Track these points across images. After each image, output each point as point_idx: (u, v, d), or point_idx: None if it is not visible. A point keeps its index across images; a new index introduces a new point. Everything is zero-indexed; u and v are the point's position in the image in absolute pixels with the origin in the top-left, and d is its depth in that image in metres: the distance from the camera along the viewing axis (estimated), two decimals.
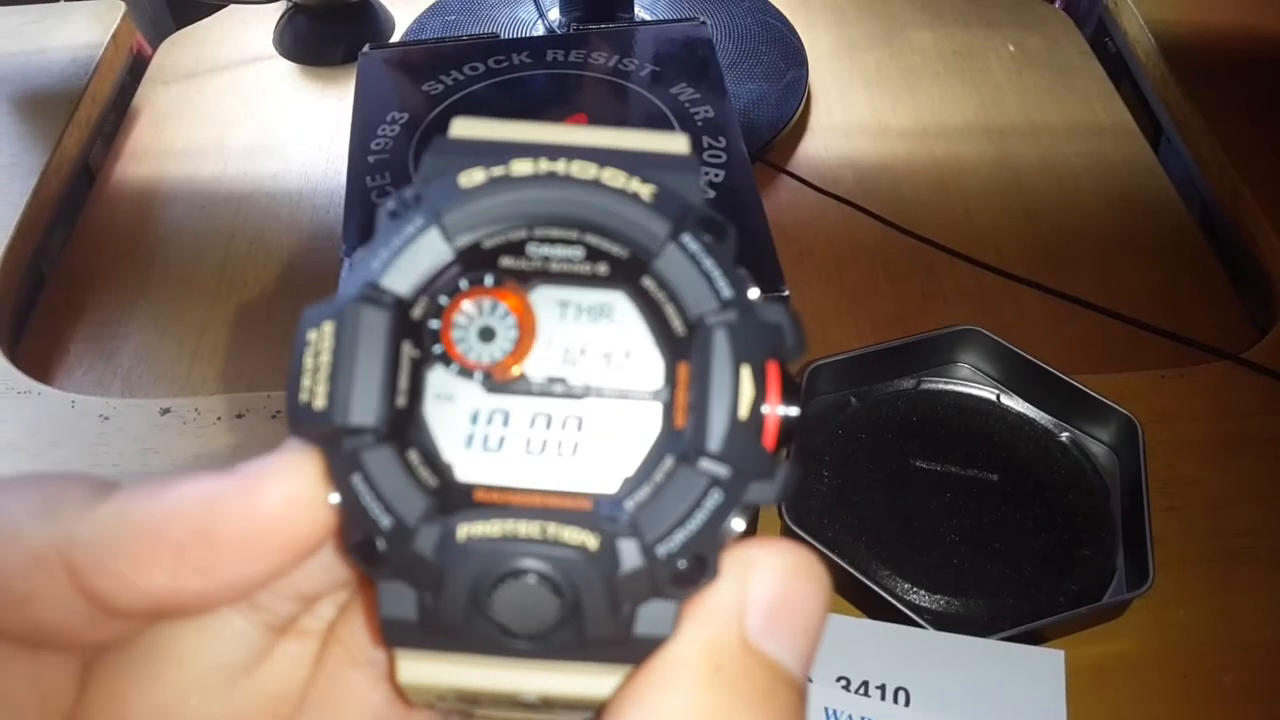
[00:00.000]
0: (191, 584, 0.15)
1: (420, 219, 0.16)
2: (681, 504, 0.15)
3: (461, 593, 0.15)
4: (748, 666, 0.15)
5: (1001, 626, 0.40)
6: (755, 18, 0.69)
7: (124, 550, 0.15)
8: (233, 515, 0.15)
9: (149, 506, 0.16)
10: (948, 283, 0.57)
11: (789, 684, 0.15)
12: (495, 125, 0.17)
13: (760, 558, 0.15)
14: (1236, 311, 0.56)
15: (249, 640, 0.18)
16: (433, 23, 0.69)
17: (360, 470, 0.15)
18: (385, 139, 0.40)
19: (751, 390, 0.16)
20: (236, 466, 0.16)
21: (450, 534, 0.15)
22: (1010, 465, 0.45)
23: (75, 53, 0.69)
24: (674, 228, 0.16)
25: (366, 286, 0.16)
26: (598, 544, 0.15)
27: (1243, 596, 0.43)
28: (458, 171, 0.16)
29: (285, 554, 0.16)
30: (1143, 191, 0.62)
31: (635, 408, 0.16)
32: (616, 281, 0.16)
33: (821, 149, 0.64)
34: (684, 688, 0.14)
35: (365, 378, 0.15)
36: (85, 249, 0.60)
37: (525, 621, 0.15)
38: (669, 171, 0.17)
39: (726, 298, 0.16)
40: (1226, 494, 0.46)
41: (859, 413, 0.47)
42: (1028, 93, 0.69)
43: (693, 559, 0.15)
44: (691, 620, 0.15)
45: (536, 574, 0.15)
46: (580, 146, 0.17)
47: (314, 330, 0.15)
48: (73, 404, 0.50)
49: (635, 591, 0.15)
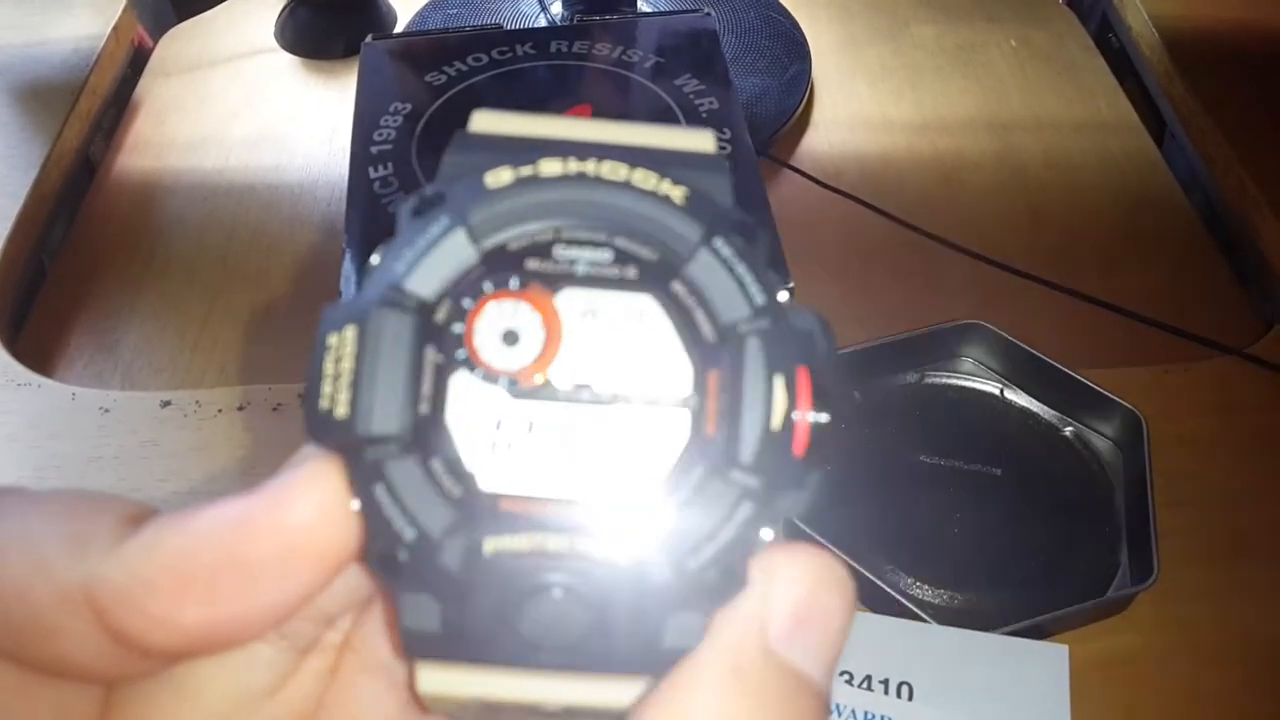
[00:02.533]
0: (227, 613, 0.15)
1: (446, 219, 0.15)
2: (712, 516, 0.15)
3: (488, 607, 0.15)
4: (769, 673, 0.15)
5: (1005, 621, 0.40)
6: (758, 12, 0.69)
7: (155, 586, 0.15)
8: (263, 534, 0.15)
9: (178, 538, 0.15)
10: (951, 278, 0.56)
11: (810, 691, 0.15)
12: (517, 119, 0.17)
13: (785, 565, 0.15)
14: (1241, 306, 0.56)
15: (276, 665, 0.17)
16: (434, 16, 0.68)
17: (383, 481, 0.15)
18: (388, 130, 0.40)
19: (784, 400, 0.15)
20: (260, 485, 0.16)
21: (476, 548, 0.15)
22: (1014, 460, 0.45)
23: (76, 45, 0.69)
24: (706, 232, 0.16)
25: (390, 289, 0.15)
26: (628, 558, 0.15)
27: (1247, 592, 0.43)
28: (482, 170, 0.16)
29: (320, 569, 0.15)
30: (1147, 187, 0.62)
31: (663, 415, 0.15)
32: (646, 286, 0.16)
33: (825, 143, 0.64)
34: (706, 693, 0.14)
35: (388, 385, 0.15)
36: (86, 242, 0.60)
37: (552, 635, 0.15)
38: (698, 171, 0.16)
39: (759, 304, 0.16)
40: (1231, 489, 0.46)
41: (863, 407, 0.47)
42: (1031, 88, 0.68)
43: (722, 571, 0.15)
44: (715, 626, 0.15)
45: (565, 590, 0.15)
46: (608, 145, 0.16)
47: (335, 334, 0.15)
48: (73, 396, 0.50)
49: (665, 604, 0.15)
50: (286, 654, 0.17)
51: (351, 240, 0.37)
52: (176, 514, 0.15)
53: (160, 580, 0.15)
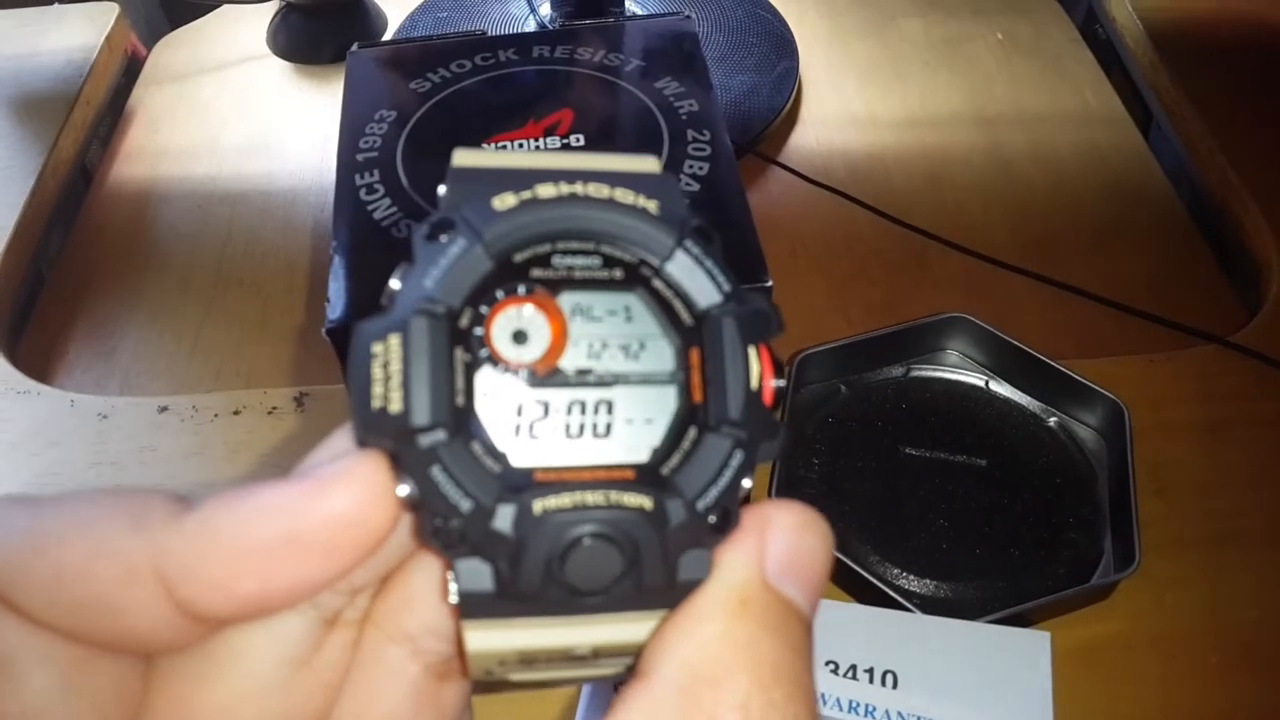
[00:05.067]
0: (279, 585, 0.17)
1: (464, 239, 0.18)
2: (712, 465, 0.18)
3: (539, 560, 0.17)
4: (769, 603, 0.17)
5: (990, 610, 0.40)
6: (746, 10, 0.69)
7: (217, 559, 0.17)
8: (315, 516, 0.17)
9: (234, 516, 0.17)
10: (939, 271, 0.57)
11: (801, 620, 0.18)
12: (494, 155, 0.20)
13: (776, 514, 0.18)
14: (1226, 296, 0.56)
15: (305, 636, 0.19)
16: (424, 20, 0.69)
17: (439, 462, 0.17)
18: (374, 137, 0.41)
19: (758, 366, 0.18)
20: (304, 471, 0.17)
21: (527, 509, 0.17)
22: (998, 450, 0.46)
23: (70, 55, 0.70)
24: (679, 235, 0.19)
25: (423, 301, 0.17)
26: (652, 504, 0.18)
27: (1230, 578, 0.43)
28: (478, 197, 0.18)
29: (362, 548, 0.17)
30: (1133, 178, 0.63)
31: (655, 389, 0.18)
32: (630, 284, 0.19)
33: (813, 140, 0.65)
34: (718, 619, 0.17)
35: (434, 382, 0.17)
36: (83, 250, 0.60)
37: (593, 579, 0.17)
38: (655, 188, 0.19)
39: (727, 291, 0.19)
40: (1214, 477, 0.47)
41: (849, 400, 0.48)
42: (1018, 81, 0.69)
43: (722, 511, 0.18)
44: (721, 566, 0.18)
45: (606, 536, 0.17)
46: (578, 170, 0.19)
47: (379, 343, 0.17)
48: (72, 403, 0.51)
49: (681, 542, 0.18)
50: (315, 626, 0.19)
51: (339, 246, 0.37)
52: (229, 493, 0.17)
53: (222, 553, 0.17)
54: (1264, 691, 0.40)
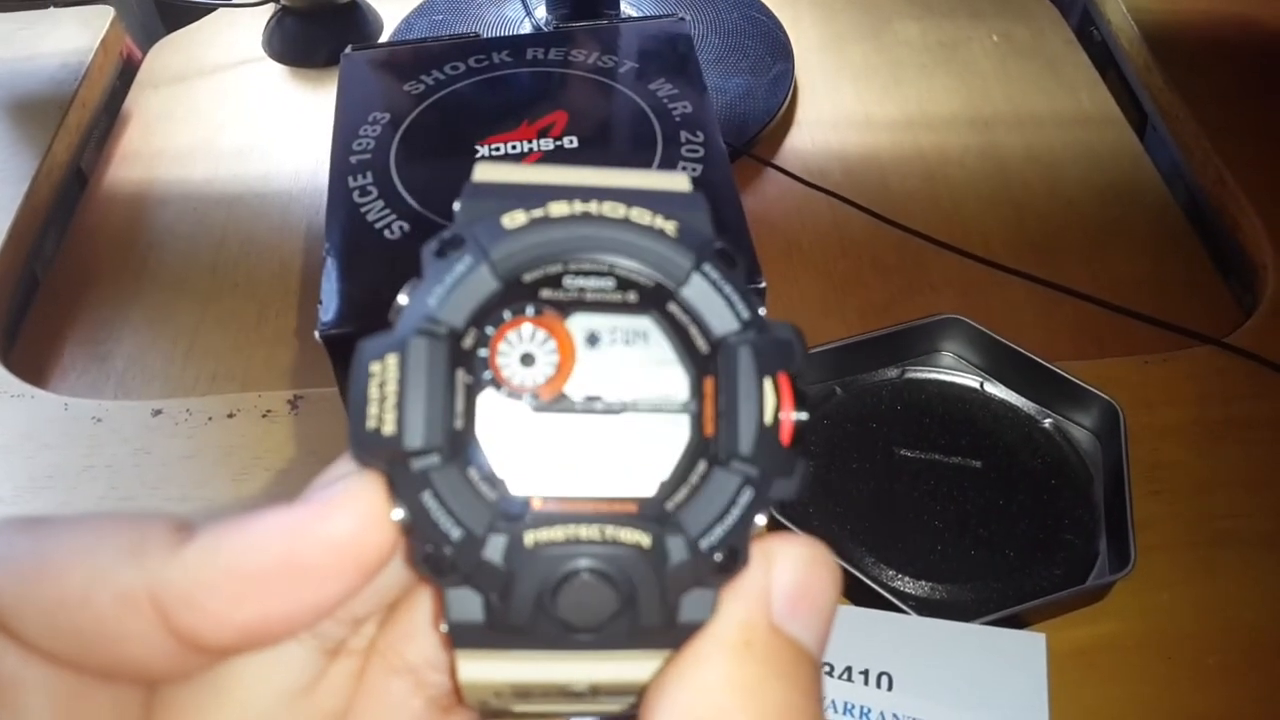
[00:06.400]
0: (279, 612, 0.17)
1: (470, 258, 0.17)
2: (719, 502, 0.17)
3: (529, 593, 0.16)
4: (775, 644, 0.17)
5: (985, 611, 0.40)
6: (741, 12, 0.69)
7: (215, 588, 0.16)
8: (314, 541, 0.16)
9: (233, 543, 0.17)
10: (935, 273, 0.57)
11: (809, 660, 0.17)
12: (515, 169, 0.19)
13: (782, 550, 0.17)
14: (1222, 297, 0.56)
15: (307, 666, 0.19)
16: (420, 22, 0.69)
17: (430, 488, 0.16)
18: (367, 139, 0.41)
19: (774, 399, 0.17)
20: (304, 496, 0.17)
21: (518, 540, 0.16)
22: (994, 452, 0.46)
23: (65, 58, 0.70)
24: (697, 259, 0.18)
25: (425, 320, 0.17)
26: (650, 542, 0.17)
27: (1226, 579, 0.43)
28: (493, 213, 0.18)
29: (359, 572, 0.17)
30: (1128, 179, 0.63)
31: (666, 419, 0.17)
32: (645, 307, 0.18)
33: (808, 142, 0.65)
34: (721, 662, 0.16)
35: (430, 404, 0.16)
36: (78, 253, 0.60)
37: (586, 616, 0.17)
38: (681, 207, 0.18)
39: (746, 319, 0.18)
40: (1210, 478, 0.47)
41: (844, 402, 0.48)
42: (1014, 83, 0.69)
43: (729, 551, 0.17)
44: (725, 605, 0.17)
45: (599, 572, 0.17)
46: (597, 188, 0.18)
47: (377, 362, 0.17)
48: (66, 407, 0.50)
49: (681, 582, 0.17)
50: (317, 655, 0.19)
51: (332, 249, 0.37)
52: (228, 521, 0.17)
53: (220, 582, 0.16)
54: (1260, 692, 0.40)
